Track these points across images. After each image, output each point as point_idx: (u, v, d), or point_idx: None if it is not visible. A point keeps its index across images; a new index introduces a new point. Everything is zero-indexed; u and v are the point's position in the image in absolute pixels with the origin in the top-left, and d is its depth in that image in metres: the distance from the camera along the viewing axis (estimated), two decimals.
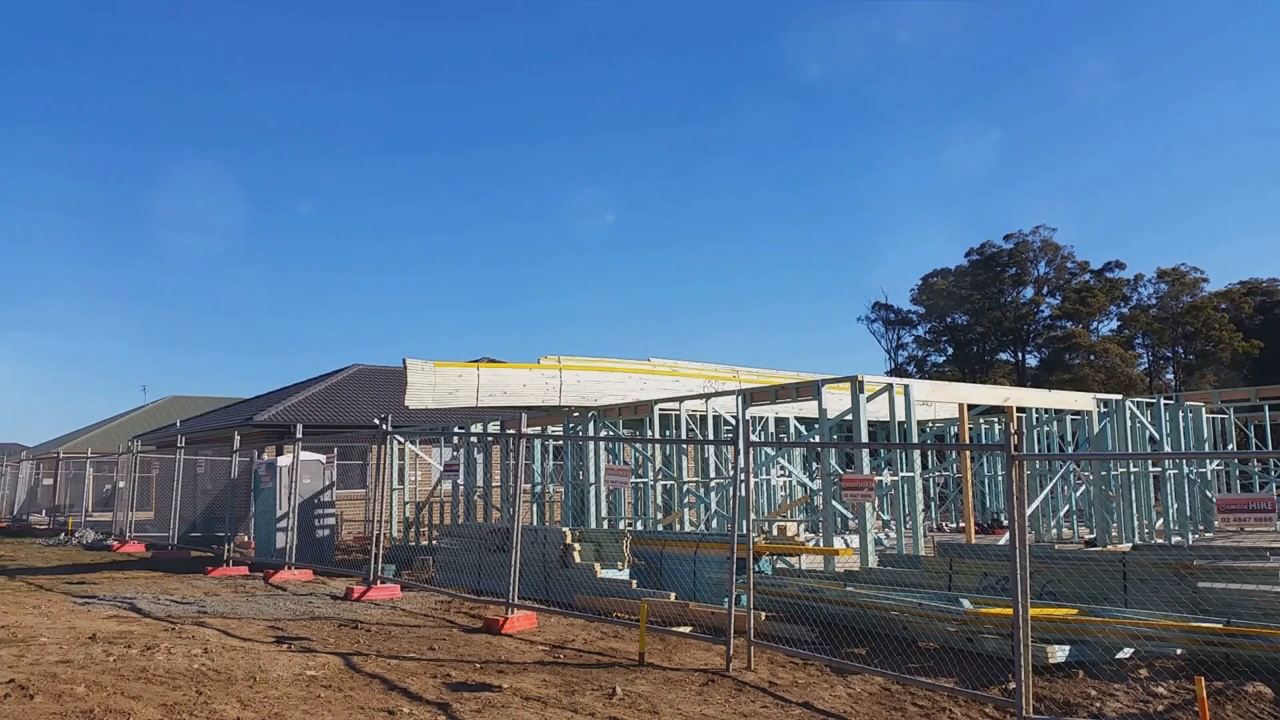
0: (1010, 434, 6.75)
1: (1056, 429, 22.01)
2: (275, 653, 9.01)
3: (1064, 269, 62.42)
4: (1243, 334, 53.33)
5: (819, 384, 14.30)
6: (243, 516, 21.45)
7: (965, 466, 17.67)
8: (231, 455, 21.44)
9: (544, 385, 18.36)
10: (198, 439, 28.97)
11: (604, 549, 12.94)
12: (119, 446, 34.25)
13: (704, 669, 8.30)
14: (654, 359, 20.59)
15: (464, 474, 19.33)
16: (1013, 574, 6.50)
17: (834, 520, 13.86)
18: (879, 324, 69.28)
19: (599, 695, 7.36)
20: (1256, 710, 6.81)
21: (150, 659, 8.65)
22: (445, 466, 16.97)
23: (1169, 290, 58.49)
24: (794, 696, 7.36)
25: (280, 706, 7.00)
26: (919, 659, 8.61)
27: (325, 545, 17.58)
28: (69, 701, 7.06)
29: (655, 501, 19.02)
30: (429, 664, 8.58)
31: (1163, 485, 19.39)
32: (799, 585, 10.70)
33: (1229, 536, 19.66)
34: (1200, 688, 5.94)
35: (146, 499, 29.14)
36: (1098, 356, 56.38)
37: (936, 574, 10.66)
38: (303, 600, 13.00)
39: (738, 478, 9.19)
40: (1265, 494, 17.17)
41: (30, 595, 13.83)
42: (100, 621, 10.98)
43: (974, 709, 6.94)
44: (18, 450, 50.34)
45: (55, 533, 28.12)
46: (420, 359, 17.00)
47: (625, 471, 13.80)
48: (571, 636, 10.00)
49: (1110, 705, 7.05)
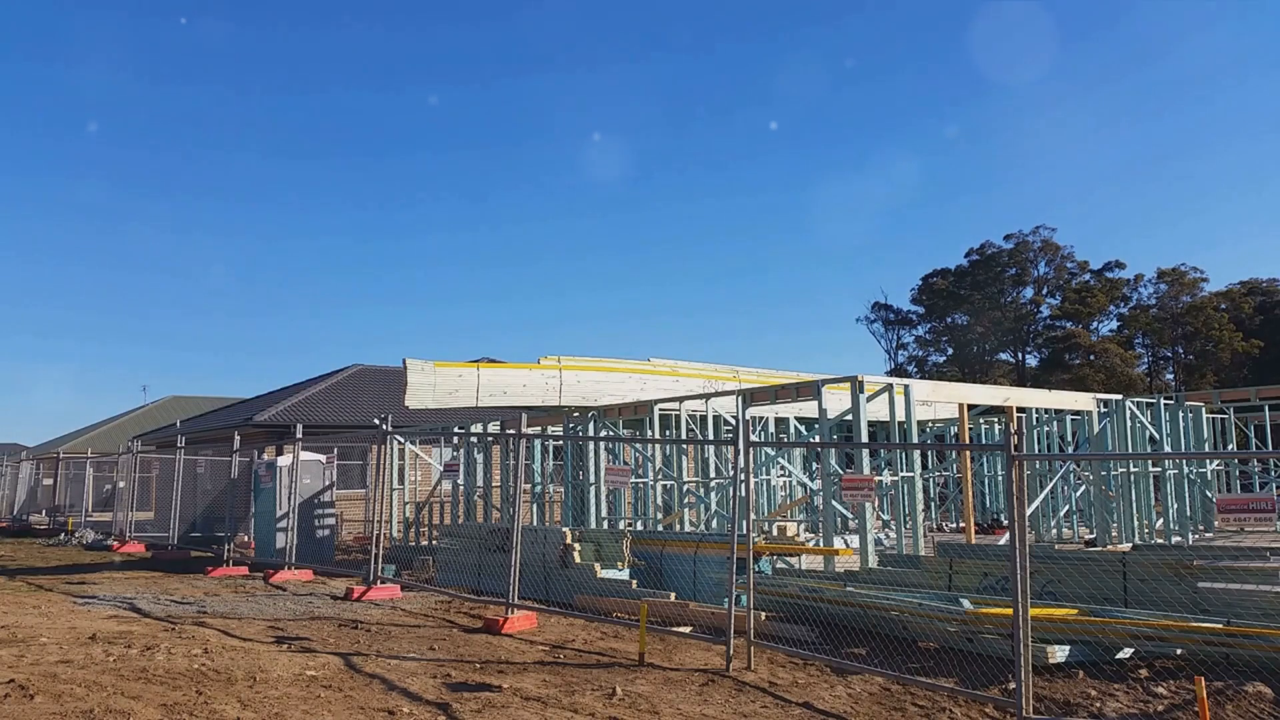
0: (1010, 434, 6.75)
1: (1056, 429, 22.01)
2: (275, 653, 9.01)
3: (1064, 269, 62.45)
4: (1243, 334, 53.34)
5: (819, 384, 14.30)
6: (243, 516, 21.44)
7: (965, 466, 17.67)
8: (231, 455, 21.42)
9: (544, 385, 18.36)
10: (198, 439, 28.97)
11: (604, 549, 12.94)
12: (119, 446, 34.26)
13: (704, 669, 8.30)
14: (654, 359, 20.59)
15: (464, 474, 19.33)
16: (1013, 574, 6.50)
17: (834, 520, 13.86)
18: (879, 324, 69.39)
19: (599, 695, 7.36)
20: (1256, 710, 6.81)
21: (150, 659, 8.65)
22: (445, 466, 16.97)
23: (1169, 290, 58.51)
24: (794, 696, 7.36)
25: (280, 706, 7.00)
26: (919, 659, 8.61)
27: (325, 545, 17.57)
28: (69, 701, 7.07)
29: (655, 501, 19.01)
30: (429, 664, 8.58)
31: (1163, 485, 19.38)
32: (799, 585, 10.70)
33: (1229, 536, 19.66)
34: (1200, 688, 5.94)
35: (146, 499, 29.13)
36: (1098, 356, 56.39)
37: (936, 574, 10.66)
38: (303, 600, 13.00)
39: (738, 478, 9.19)
40: (1265, 494, 17.19)
41: (30, 595, 13.83)
42: (100, 621, 10.98)
43: (974, 709, 6.95)
44: (18, 450, 50.35)
45: (55, 533, 28.13)
46: (420, 359, 17.00)
47: (625, 471, 13.80)
48: (571, 636, 10.00)
49: (1110, 705, 7.05)
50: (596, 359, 19.47)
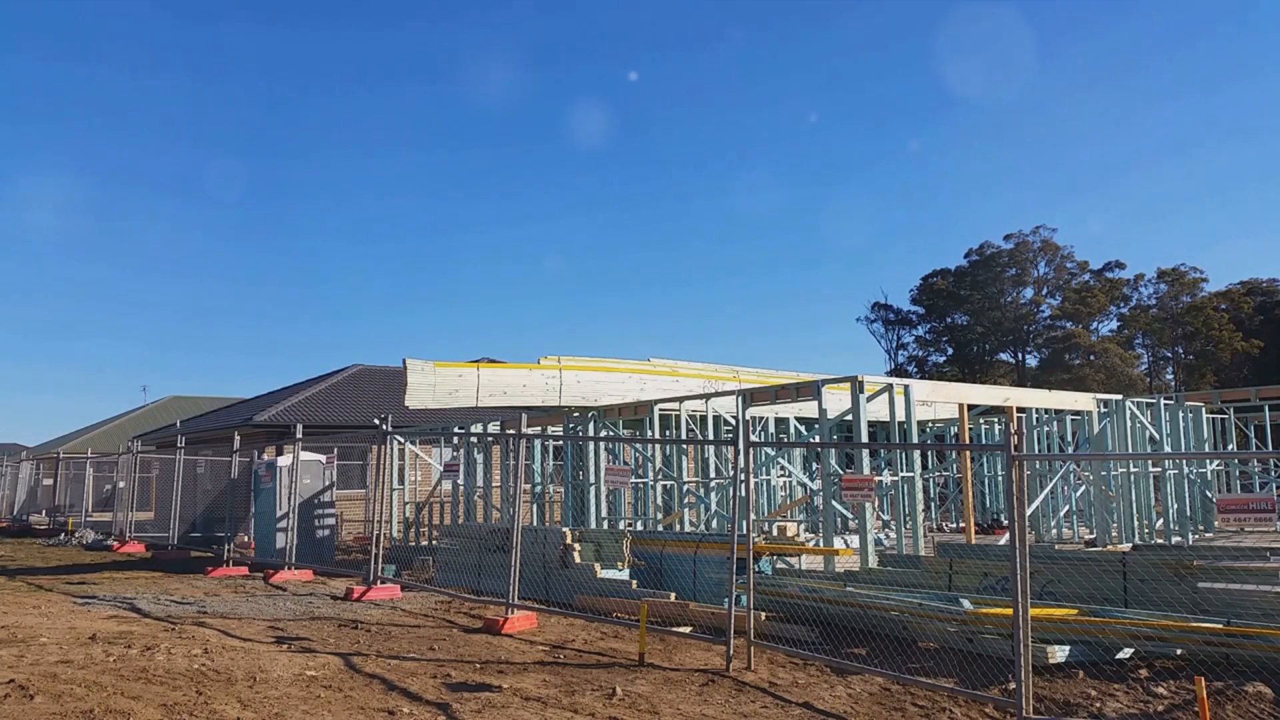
0: (1010, 434, 6.75)
1: (1056, 429, 22.01)
2: (275, 653, 9.01)
3: (1064, 269, 62.45)
4: (1243, 334, 53.34)
5: (819, 384, 14.30)
6: (243, 517, 21.43)
7: (965, 466, 17.67)
8: (231, 455, 21.43)
9: (544, 385, 18.36)
10: (198, 439, 28.97)
11: (604, 549, 12.94)
12: (119, 446, 34.26)
13: (704, 669, 8.30)
14: (654, 359, 20.60)
15: (464, 474, 19.32)
16: (1013, 574, 6.50)
17: (834, 520, 13.86)
18: (879, 324, 69.37)
19: (599, 695, 7.36)
20: (1256, 710, 6.81)
21: (150, 659, 8.65)
22: (445, 467, 16.97)
23: (1169, 290, 58.52)
24: (794, 697, 7.36)
25: (280, 707, 7.00)
26: (919, 659, 8.61)
27: (325, 545, 17.57)
28: (69, 702, 7.07)
29: (655, 501, 19.01)
30: (429, 664, 8.58)
31: (1163, 485, 19.38)
32: (799, 585, 10.70)
33: (1229, 536, 19.66)
34: (1200, 688, 5.94)
35: (146, 499, 29.10)
36: (1098, 356, 56.40)
37: (936, 574, 10.66)
38: (303, 600, 13.00)
39: (738, 478, 9.19)
40: (1265, 494, 17.20)
41: (30, 595, 13.83)
42: (100, 622, 10.98)
43: (974, 709, 6.94)
44: (18, 450, 50.35)
45: (55, 533, 28.12)
46: (420, 359, 17.01)
47: (625, 471, 13.80)
48: (571, 637, 10.00)
49: (1110, 705, 7.05)
50: (596, 359, 19.47)
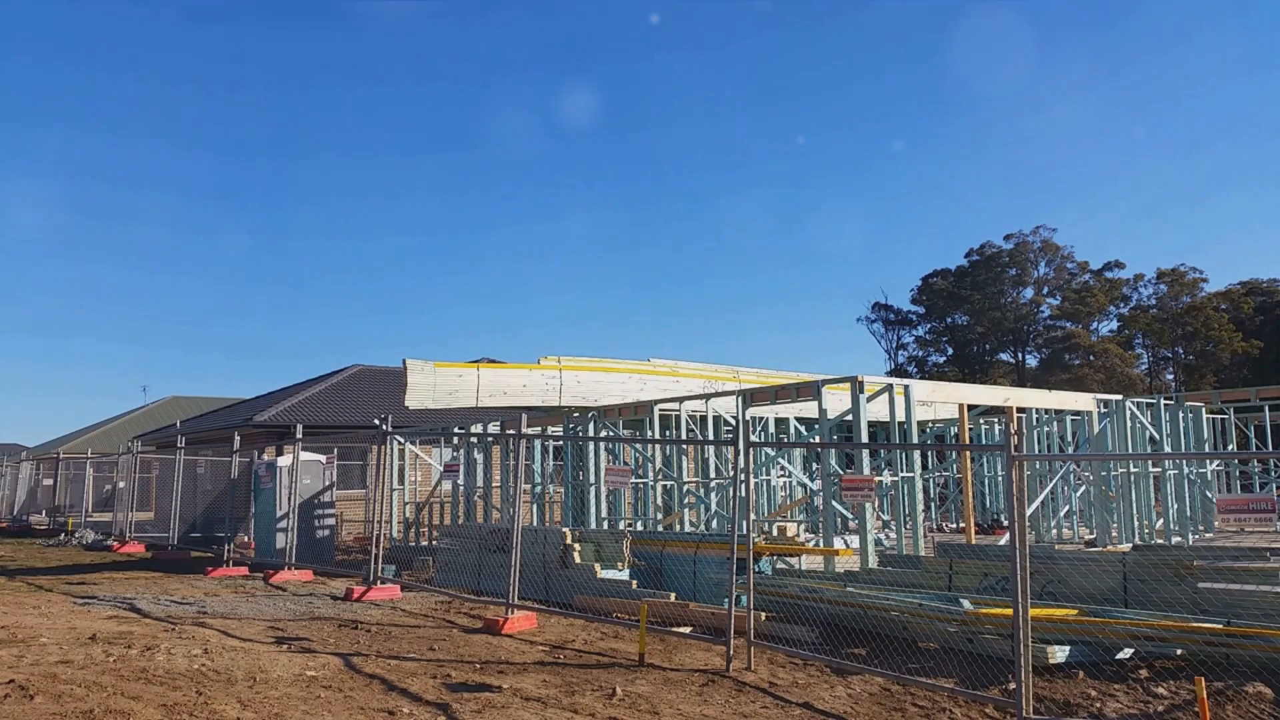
0: (1010, 434, 6.75)
1: (1056, 429, 22.01)
2: (275, 653, 9.01)
3: (1064, 269, 62.48)
4: (1242, 334, 53.35)
5: (819, 384, 14.30)
6: (243, 517, 21.43)
7: (965, 467, 17.66)
8: (231, 455, 21.42)
9: (544, 385, 18.35)
10: (198, 439, 28.96)
11: (604, 549, 12.94)
12: (119, 447, 34.24)
13: (704, 669, 8.30)
14: (654, 359, 20.58)
15: (464, 474, 19.33)
16: (1013, 574, 6.50)
17: (834, 520, 13.86)
18: (879, 324, 69.43)
19: (599, 695, 7.36)
20: (1256, 710, 6.80)
21: (150, 659, 8.64)
22: (445, 467, 16.97)
23: (1169, 290, 58.53)
24: (794, 697, 7.36)
25: (280, 707, 6.99)
26: (919, 659, 8.60)
27: (325, 545, 17.57)
28: (69, 702, 7.06)
29: (655, 502, 19.01)
30: (429, 664, 8.58)
31: (1163, 485, 19.38)
32: (799, 586, 10.69)
33: (1229, 537, 19.66)
34: (1200, 688, 5.93)
35: (146, 499, 29.12)
36: (1098, 357, 56.40)
37: (936, 574, 10.66)
38: (303, 601, 13.00)
39: (738, 478, 9.19)
40: (1265, 494, 17.19)
41: (30, 595, 13.83)
42: (100, 622, 10.98)
43: (974, 709, 6.94)
44: (18, 450, 50.34)
45: (55, 533, 28.12)
46: (420, 359, 16.99)
47: (625, 472, 13.79)
48: (571, 637, 10.00)
49: (1110, 705, 7.05)
50: (596, 359, 19.46)
